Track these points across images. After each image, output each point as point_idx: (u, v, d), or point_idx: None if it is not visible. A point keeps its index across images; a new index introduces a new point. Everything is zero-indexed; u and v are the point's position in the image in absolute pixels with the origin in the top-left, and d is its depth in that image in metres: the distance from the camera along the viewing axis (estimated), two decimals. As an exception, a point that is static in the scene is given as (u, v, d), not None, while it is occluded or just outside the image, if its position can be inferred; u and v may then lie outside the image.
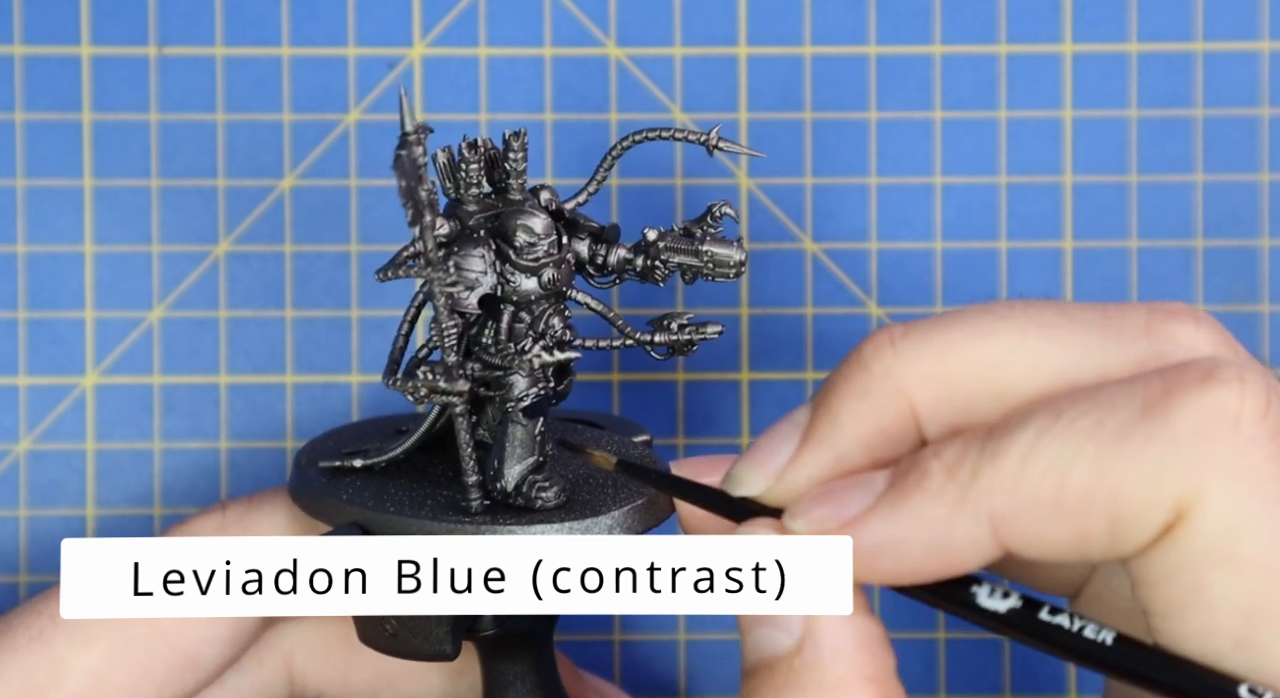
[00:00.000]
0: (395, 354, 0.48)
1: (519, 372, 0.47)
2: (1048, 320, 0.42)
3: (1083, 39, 0.60)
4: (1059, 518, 0.40)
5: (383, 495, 0.47)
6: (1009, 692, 0.60)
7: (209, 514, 0.51)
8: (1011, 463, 0.40)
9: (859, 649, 0.42)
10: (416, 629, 0.46)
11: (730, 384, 0.60)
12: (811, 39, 0.60)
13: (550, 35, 0.59)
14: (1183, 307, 0.43)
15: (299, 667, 0.53)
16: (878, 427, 0.43)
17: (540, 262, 0.47)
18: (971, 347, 0.42)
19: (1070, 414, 0.40)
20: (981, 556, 0.41)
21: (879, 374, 0.43)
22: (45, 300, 0.59)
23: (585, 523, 0.46)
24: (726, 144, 0.48)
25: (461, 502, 0.47)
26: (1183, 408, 0.39)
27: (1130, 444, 0.39)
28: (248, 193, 0.59)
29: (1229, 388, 0.40)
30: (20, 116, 0.59)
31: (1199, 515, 0.39)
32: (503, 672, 0.49)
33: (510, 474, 0.47)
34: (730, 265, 0.48)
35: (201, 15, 0.59)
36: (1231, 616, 0.39)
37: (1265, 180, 0.60)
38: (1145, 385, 0.40)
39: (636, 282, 0.49)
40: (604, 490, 0.48)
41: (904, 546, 0.41)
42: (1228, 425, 0.39)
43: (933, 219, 0.60)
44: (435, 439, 0.50)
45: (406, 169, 0.43)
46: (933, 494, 0.41)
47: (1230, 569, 0.39)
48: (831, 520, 0.42)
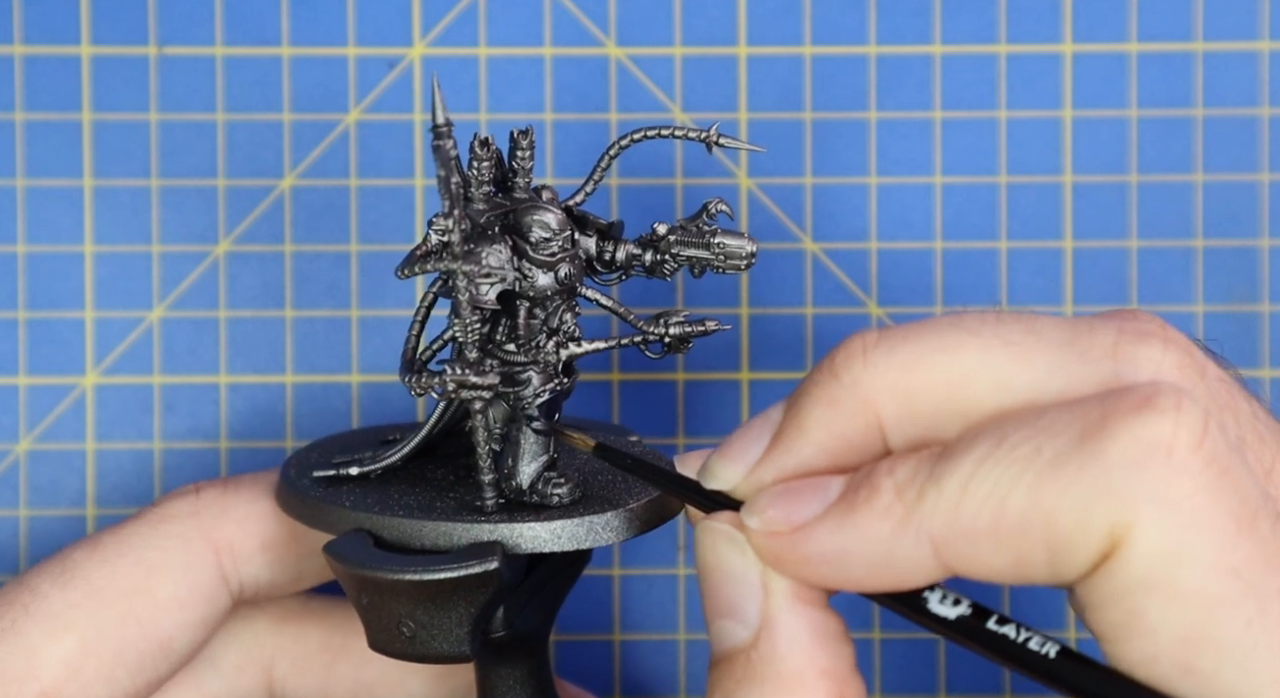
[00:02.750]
0: (409, 353, 0.48)
1: (534, 368, 0.47)
2: (1015, 339, 0.42)
3: (1083, 39, 0.60)
4: (997, 544, 0.40)
5: (388, 501, 0.47)
6: (1008, 692, 0.60)
7: (183, 497, 0.51)
8: (953, 488, 0.40)
9: (815, 643, 0.42)
10: (436, 630, 0.46)
11: (730, 384, 0.60)
12: (811, 39, 0.60)
13: (550, 35, 0.59)
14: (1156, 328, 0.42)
15: (279, 675, 0.53)
16: (843, 435, 0.43)
17: (556, 257, 0.47)
18: (937, 362, 0.42)
19: (1012, 440, 0.40)
20: (924, 574, 0.41)
21: (848, 384, 0.43)
22: (45, 300, 0.59)
23: (602, 518, 0.46)
24: (726, 140, 0.48)
25: (475, 501, 0.47)
26: (1116, 437, 0.39)
27: (1064, 472, 0.39)
28: (248, 193, 0.59)
29: (1164, 417, 0.39)
30: (20, 116, 0.59)
31: (1132, 545, 0.39)
32: (502, 677, 0.49)
33: (524, 472, 0.47)
34: (742, 257, 0.48)
35: (201, 15, 0.59)
36: (1172, 643, 0.39)
37: (1265, 180, 0.60)
38: (1084, 412, 0.40)
39: (643, 277, 0.49)
40: (616, 486, 0.48)
41: (847, 557, 0.41)
42: (1161, 455, 0.39)
43: (933, 219, 0.60)
44: (428, 446, 0.50)
45: (444, 160, 0.43)
46: (879, 512, 0.41)
47: (1166, 598, 0.39)
48: (783, 523, 0.42)
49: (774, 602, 0.43)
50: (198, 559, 0.50)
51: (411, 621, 0.46)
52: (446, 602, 0.45)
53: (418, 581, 0.45)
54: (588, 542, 0.46)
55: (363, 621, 0.47)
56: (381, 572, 0.45)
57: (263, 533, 0.50)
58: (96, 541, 0.50)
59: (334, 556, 0.46)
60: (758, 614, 0.43)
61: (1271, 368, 0.60)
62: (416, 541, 0.46)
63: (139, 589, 0.49)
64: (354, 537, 0.46)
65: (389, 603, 0.46)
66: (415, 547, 0.46)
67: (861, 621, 0.59)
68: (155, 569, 0.50)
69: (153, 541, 0.50)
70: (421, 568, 0.45)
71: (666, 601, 0.60)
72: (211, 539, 0.50)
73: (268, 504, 0.50)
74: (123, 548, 0.50)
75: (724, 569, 0.43)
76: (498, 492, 0.47)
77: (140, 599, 0.49)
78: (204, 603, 0.50)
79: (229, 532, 0.50)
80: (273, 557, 0.51)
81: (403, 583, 0.45)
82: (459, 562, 0.45)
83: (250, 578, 0.51)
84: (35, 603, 0.49)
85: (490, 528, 0.46)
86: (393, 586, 0.45)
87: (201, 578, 0.50)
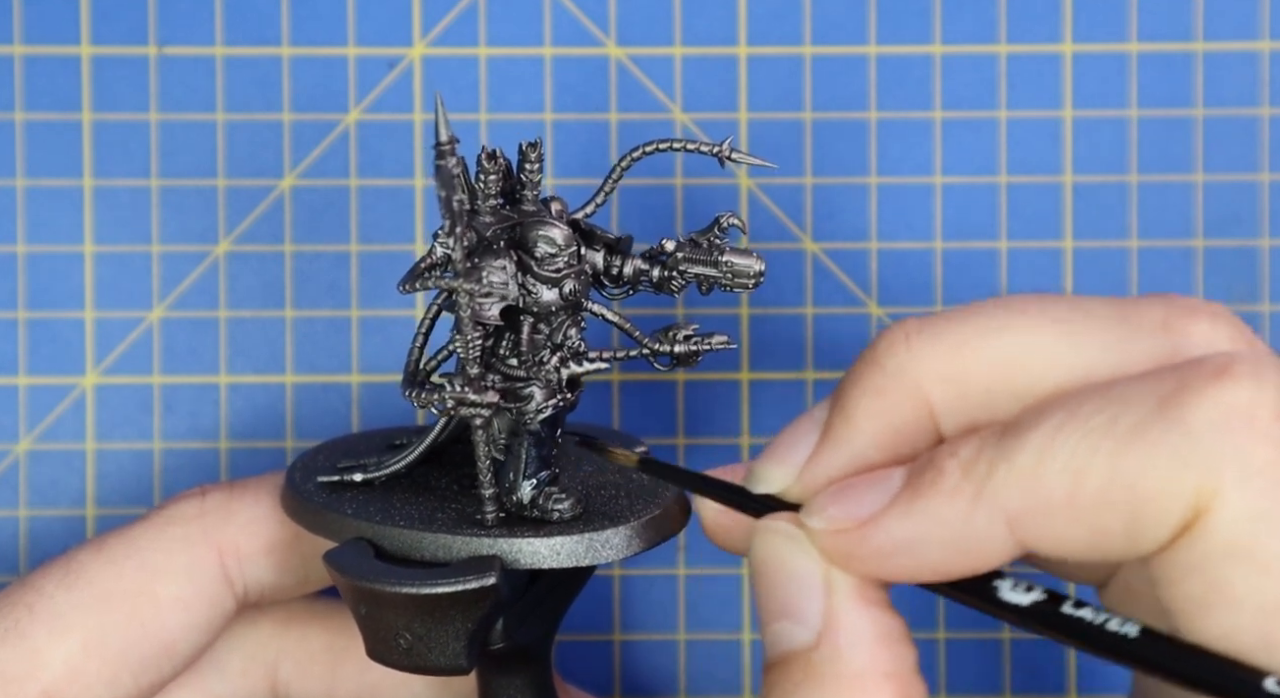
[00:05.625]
0: (411, 366, 0.48)
1: (537, 383, 0.47)
2: (1063, 316, 0.42)
3: (1083, 39, 0.60)
4: (1076, 516, 0.40)
5: (389, 510, 0.47)
6: (1009, 692, 0.60)
7: (189, 499, 0.51)
8: (1027, 460, 0.40)
9: (878, 644, 0.42)
10: (433, 643, 0.46)
11: (730, 384, 0.60)
12: (811, 39, 0.60)
13: (550, 35, 0.59)
14: (1200, 302, 0.42)
15: (283, 678, 0.53)
16: (893, 424, 0.43)
17: (561, 273, 0.46)
18: (986, 343, 0.42)
19: (1085, 410, 0.40)
20: (1000, 553, 0.41)
21: (893, 372, 0.42)
22: (45, 300, 0.59)
23: (602, 535, 0.46)
24: (739, 155, 0.48)
25: (476, 514, 0.47)
26: (1198, 404, 0.39)
27: (1146, 440, 0.39)
28: (248, 193, 0.59)
29: (1244, 384, 0.39)
30: (20, 116, 0.59)
31: (1217, 512, 0.39)
32: (503, 687, 0.49)
33: (525, 487, 0.47)
34: (750, 276, 0.48)
35: (201, 15, 0.59)
36: (1254, 614, 0.39)
37: (1265, 180, 0.60)
38: (1160, 381, 0.40)
39: (650, 293, 0.48)
40: (618, 502, 0.48)
41: (921, 544, 0.41)
42: (1243, 421, 0.39)
43: (933, 219, 0.60)
44: (434, 452, 0.50)
45: (445, 179, 0.43)
46: (948, 492, 0.41)
47: (1251, 566, 0.39)
48: (847, 519, 0.42)
49: (837, 602, 0.42)
50: (202, 562, 0.50)
51: (409, 633, 0.46)
52: (444, 616, 0.45)
53: (415, 594, 0.45)
54: (587, 559, 0.46)
55: (361, 630, 0.46)
56: (379, 584, 0.45)
57: (268, 536, 0.50)
58: (102, 542, 0.50)
59: (333, 565, 0.46)
60: (819, 615, 0.42)
61: None
62: (416, 552, 0.46)
63: (143, 591, 0.49)
64: (354, 546, 0.46)
65: (386, 615, 0.45)
66: (415, 558, 0.46)
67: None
68: (159, 571, 0.50)
69: (158, 543, 0.50)
70: (418, 582, 0.45)
71: (666, 601, 0.60)
72: (216, 542, 0.50)
73: (273, 507, 0.50)
74: (128, 550, 0.50)
75: (785, 570, 0.43)
76: (498, 505, 0.47)
77: (144, 601, 0.49)
78: (208, 605, 0.50)
79: (234, 535, 0.50)
80: (277, 560, 0.51)
81: (400, 596, 0.45)
82: (456, 576, 0.45)
83: (255, 581, 0.51)
84: (40, 604, 0.49)
85: (490, 542, 0.46)
86: (390, 598, 0.45)
87: (206, 580, 0.50)
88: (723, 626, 0.60)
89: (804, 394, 0.59)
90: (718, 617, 0.60)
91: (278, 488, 0.50)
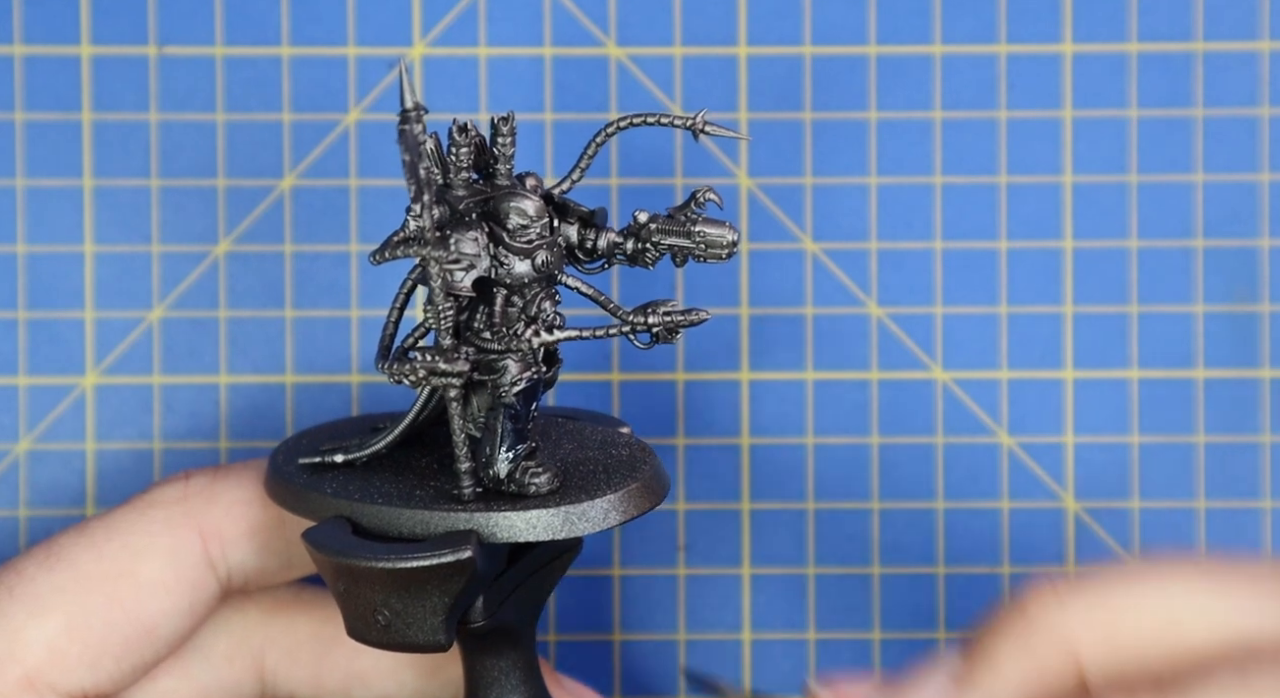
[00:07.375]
0: (385, 340, 0.48)
1: (511, 355, 0.47)
2: (1219, 575, 0.43)
3: (1083, 39, 0.60)
4: None
5: (369, 489, 0.47)
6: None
7: (172, 483, 0.51)
8: None
9: None
10: (411, 619, 0.46)
11: (730, 384, 0.60)
12: (811, 39, 0.60)
13: (550, 35, 0.59)
14: None
15: (270, 666, 0.53)
16: (1039, 677, 0.43)
17: (533, 244, 0.47)
18: (1142, 602, 0.43)
19: (1256, 675, 0.40)
20: None
21: (1044, 627, 0.43)
22: (45, 300, 0.59)
23: (579, 509, 0.46)
24: (713, 127, 0.48)
25: (453, 490, 0.47)
26: None
27: None
28: (248, 193, 0.59)
29: None
30: (20, 116, 0.59)
31: None
32: (487, 668, 0.49)
33: (502, 461, 0.47)
34: (723, 246, 0.48)
35: (201, 15, 0.59)
36: None
37: (1265, 180, 0.60)
38: None
39: (625, 266, 0.48)
40: (595, 476, 0.48)
41: None
42: None
43: (933, 219, 0.60)
44: (416, 434, 0.50)
45: (410, 144, 0.43)
46: None
47: None
48: None
49: None
50: (184, 544, 0.50)
51: (386, 609, 0.46)
52: (421, 590, 0.45)
53: (390, 568, 0.45)
54: (564, 532, 0.46)
55: (340, 608, 0.47)
56: (355, 559, 0.45)
57: (251, 519, 0.50)
58: (85, 526, 0.50)
59: (311, 542, 0.46)
60: None
61: (1271, 368, 0.60)
62: (394, 528, 0.46)
63: (124, 573, 0.49)
64: (332, 524, 0.46)
65: (364, 591, 0.46)
66: (393, 535, 0.46)
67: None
68: (141, 554, 0.49)
69: (139, 525, 0.50)
70: (394, 556, 0.45)
71: (666, 601, 0.60)
72: (198, 525, 0.50)
73: (256, 491, 0.50)
74: (110, 533, 0.50)
75: None
76: (476, 481, 0.47)
77: (125, 583, 0.49)
78: (190, 588, 0.50)
79: (216, 517, 0.50)
80: (261, 543, 0.51)
81: (375, 571, 0.45)
82: (432, 550, 0.45)
83: (238, 564, 0.51)
84: (20, 585, 0.49)
85: (466, 517, 0.46)
86: (366, 573, 0.45)
87: (187, 563, 0.50)
88: (723, 626, 0.60)
89: (804, 393, 0.59)
90: (718, 617, 0.60)
91: (262, 472, 0.50)
